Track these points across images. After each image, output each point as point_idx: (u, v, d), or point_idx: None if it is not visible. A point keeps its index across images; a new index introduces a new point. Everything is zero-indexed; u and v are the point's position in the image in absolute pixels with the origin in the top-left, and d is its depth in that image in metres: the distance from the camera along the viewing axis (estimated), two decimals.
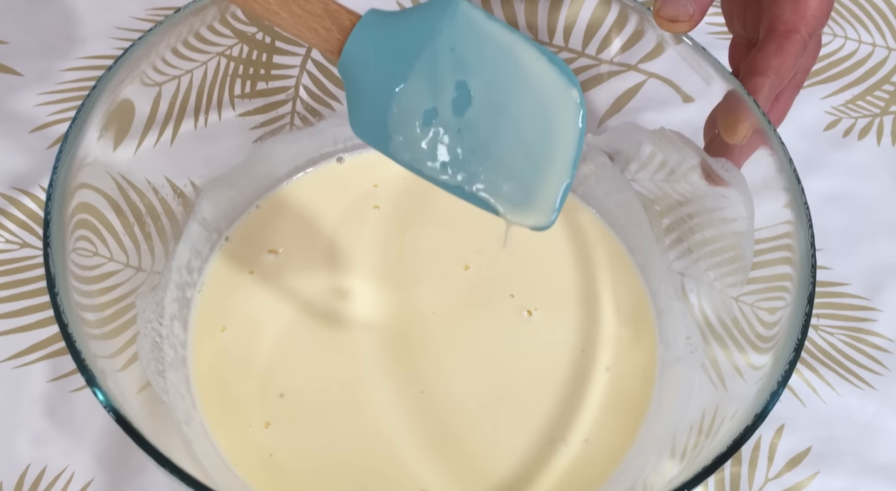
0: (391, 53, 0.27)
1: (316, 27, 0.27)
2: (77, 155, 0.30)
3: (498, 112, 0.27)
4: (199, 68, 0.40)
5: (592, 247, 0.41)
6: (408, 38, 0.27)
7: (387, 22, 0.27)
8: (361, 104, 0.28)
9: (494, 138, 0.27)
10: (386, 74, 0.27)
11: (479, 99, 0.27)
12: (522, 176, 0.28)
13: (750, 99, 0.34)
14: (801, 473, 0.38)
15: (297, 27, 0.27)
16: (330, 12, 0.27)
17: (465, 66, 0.27)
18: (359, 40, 0.27)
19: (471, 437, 0.35)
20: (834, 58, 0.51)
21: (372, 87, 0.27)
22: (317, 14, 0.27)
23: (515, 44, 0.27)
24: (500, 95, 0.27)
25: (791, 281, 0.31)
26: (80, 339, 0.27)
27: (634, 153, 0.42)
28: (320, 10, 0.27)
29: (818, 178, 0.46)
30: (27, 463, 0.36)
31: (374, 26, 0.27)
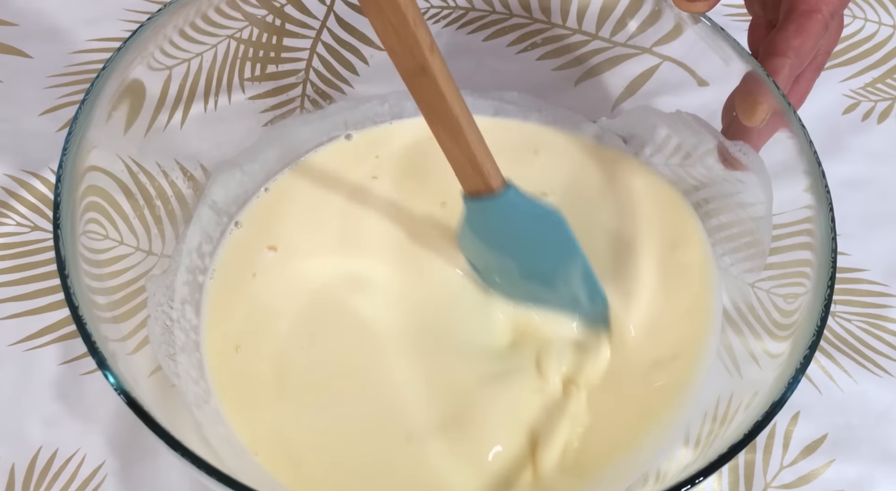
0: (500, 227, 0.34)
1: (464, 166, 0.32)
2: (86, 137, 0.30)
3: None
4: (210, 51, 0.39)
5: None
6: (520, 227, 0.34)
7: (512, 208, 0.33)
8: (463, 236, 0.36)
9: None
10: (488, 239, 0.35)
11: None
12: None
13: (769, 80, 0.33)
14: (817, 460, 0.38)
15: (447, 146, 0.32)
16: (481, 166, 0.32)
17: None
18: (488, 207, 0.33)
19: (481, 415, 0.34)
20: (853, 40, 0.50)
21: (475, 236, 0.35)
22: (472, 157, 0.32)
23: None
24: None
25: (811, 267, 0.31)
26: (91, 322, 0.27)
27: (649, 137, 0.41)
28: (475, 161, 0.32)
29: (836, 163, 0.45)
30: (39, 445, 0.36)
31: (503, 208, 0.33)
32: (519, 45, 0.45)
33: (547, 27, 0.45)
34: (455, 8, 0.46)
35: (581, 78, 0.44)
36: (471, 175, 0.32)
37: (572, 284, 0.36)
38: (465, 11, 0.46)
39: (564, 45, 0.45)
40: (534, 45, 0.45)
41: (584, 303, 0.36)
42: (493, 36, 0.46)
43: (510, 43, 0.45)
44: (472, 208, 0.34)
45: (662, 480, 0.31)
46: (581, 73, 0.44)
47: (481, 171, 0.32)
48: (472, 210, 0.34)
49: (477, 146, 0.31)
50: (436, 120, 0.31)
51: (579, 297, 0.36)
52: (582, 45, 0.44)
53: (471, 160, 0.31)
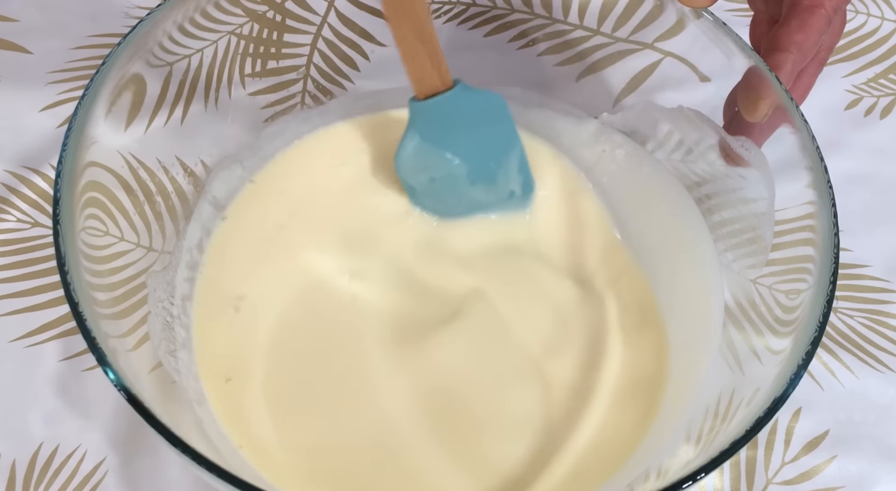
0: (453, 127, 0.36)
1: (423, 64, 0.33)
2: (86, 132, 0.30)
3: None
4: (210, 47, 0.39)
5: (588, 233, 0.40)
6: (469, 124, 0.36)
7: (465, 99, 0.35)
8: (411, 148, 0.36)
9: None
10: (442, 143, 0.36)
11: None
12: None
13: (772, 75, 0.33)
14: (819, 456, 0.38)
15: (411, 47, 0.33)
16: (440, 61, 0.34)
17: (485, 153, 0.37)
18: (444, 103, 0.35)
19: (480, 420, 0.34)
20: (856, 35, 0.50)
21: (428, 144, 0.36)
22: (433, 53, 0.33)
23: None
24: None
25: (813, 263, 0.31)
26: (91, 318, 0.27)
27: (651, 132, 0.41)
28: (435, 57, 0.33)
29: (838, 159, 0.45)
30: (39, 442, 0.36)
31: (457, 100, 0.35)
32: (520, 40, 0.45)
33: (548, 23, 0.45)
34: (456, 3, 0.46)
35: (583, 74, 0.44)
36: (429, 73, 0.33)
37: (511, 176, 0.38)
38: (466, 7, 0.46)
39: (566, 40, 0.44)
40: (535, 41, 0.45)
41: (518, 194, 0.38)
42: (494, 31, 0.46)
43: (511, 38, 0.45)
44: (424, 111, 0.35)
45: (664, 477, 0.31)
46: (583, 69, 0.44)
47: (440, 67, 0.33)
48: (423, 114, 0.35)
49: (437, 41, 0.33)
50: (402, 16, 0.32)
51: (515, 189, 0.38)
52: (584, 40, 0.44)
53: (431, 56, 0.33)
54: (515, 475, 0.33)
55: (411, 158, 0.37)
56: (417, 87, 0.34)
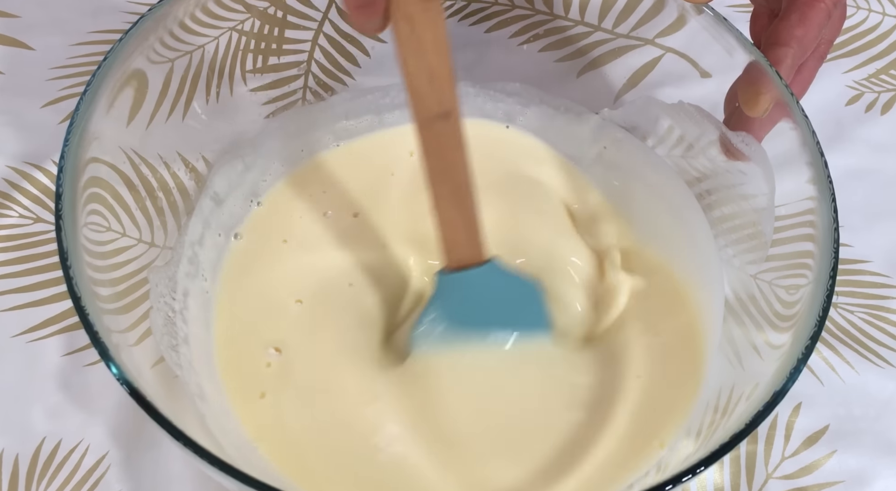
0: (479, 308, 0.32)
1: (458, 232, 0.30)
2: (87, 128, 0.30)
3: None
4: (211, 43, 0.39)
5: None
6: (496, 305, 0.32)
7: (498, 278, 0.32)
8: (435, 319, 0.33)
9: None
10: (466, 321, 0.33)
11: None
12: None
13: (772, 70, 0.33)
14: (819, 451, 0.38)
15: (447, 214, 0.30)
16: (475, 232, 0.31)
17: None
18: (474, 278, 0.31)
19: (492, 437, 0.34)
20: (856, 31, 0.50)
21: (450, 323, 0.33)
22: (470, 223, 0.30)
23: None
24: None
25: (813, 258, 0.31)
26: (94, 313, 0.27)
27: (651, 128, 0.41)
28: (472, 227, 0.30)
29: (839, 154, 0.45)
30: (42, 436, 0.36)
31: (490, 277, 0.32)
32: (521, 36, 0.45)
33: (549, 19, 0.45)
34: None
35: (583, 69, 0.44)
36: (463, 244, 0.30)
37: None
38: (466, 3, 0.46)
39: (567, 36, 0.44)
40: (536, 37, 0.45)
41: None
42: (494, 27, 0.46)
43: (512, 34, 0.45)
44: (450, 285, 0.31)
45: (664, 471, 0.31)
46: (583, 65, 0.44)
47: (476, 238, 0.30)
48: (449, 287, 0.32)
49: (477, 210, 0.29)
50: (444, 177, 0.29)
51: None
52: (584, 36, 0.44)
53: (467, 224, 0.30)
54: (518, 483, 0.33)
55: (428, 337, 0.34)
56: (449, 257, 0.31)
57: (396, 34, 0.27)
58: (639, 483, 0.31)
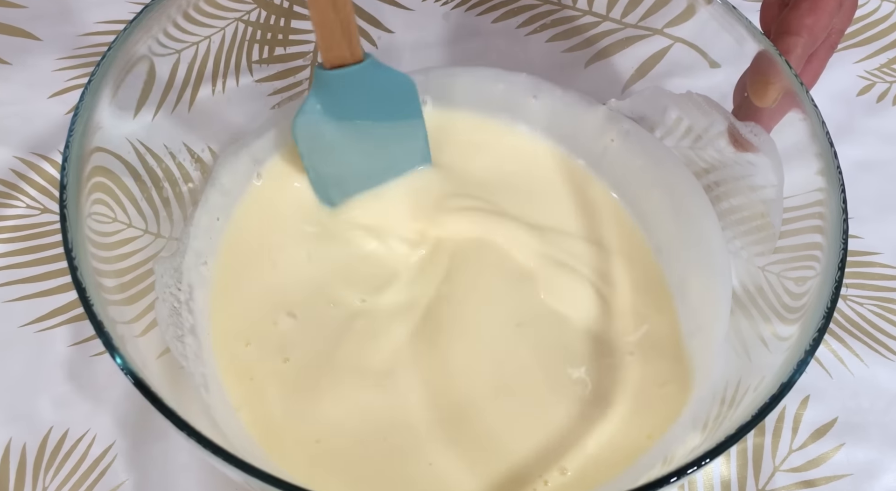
0: (356, 101, 0.35)
1: (334, 32, 0.32)
2: (92, 118, 0.30)
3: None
4: (218, 34, 0.39)
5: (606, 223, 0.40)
6: (374, 101, 0.35)
7: (373, 75, 0.34)
8: (311, 115, 0.35)
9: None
10: (342, 115, 0.35)
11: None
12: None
13: (782, 60, 0.33)
14: (827, 444, 0.38)
15: (322, 13, 0.32)
16: (352, 33, 0.32)
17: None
18: (349, 76, 0.34)
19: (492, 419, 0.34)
20: (868, 20, 0.49)
21: (327, 115, 0.35)
22: (346, 23, 0.32)
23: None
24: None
25: (822, 250, 0.31)
26: (99, 304, 0.27)
27: (660, 119, 0.41)
28: (347, 27, 0.32)
29: (849, 145, 0.45)
30: (49, 426, 0.36)
31: (364, 75, 0.34)
32: (529, 26, 0.45)
33: (557, 9, 0.44)
34: None
35: (591, 60, 0.44)
36: (339, 42, 0.32)
37: (411, 153, 0.38)
38: None
39: (575, 26, 0.44)
40: (544, 27, 0.45)
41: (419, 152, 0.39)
42: (502, 17, 0.45)
43: (520, 24, 0.45)
44: (329, 81, 0.34)
45: (669, 463, 0.31)
46: (591, 55, 0.44)
47: (351, 38, 0.32)
48: (328, 84, 0.34)
49: (352, 11, 0.31)
50: None
51: (416, 148, 0.38)
52: (592, 26, 0.44)
53: (344, 25, 0.32)
54: (522, 472, 0.33)
55: (309, 126, 0.36)
56: (325, 55, 0.33)
57: None
58: (645, 475, 0.31)
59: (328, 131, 0.36)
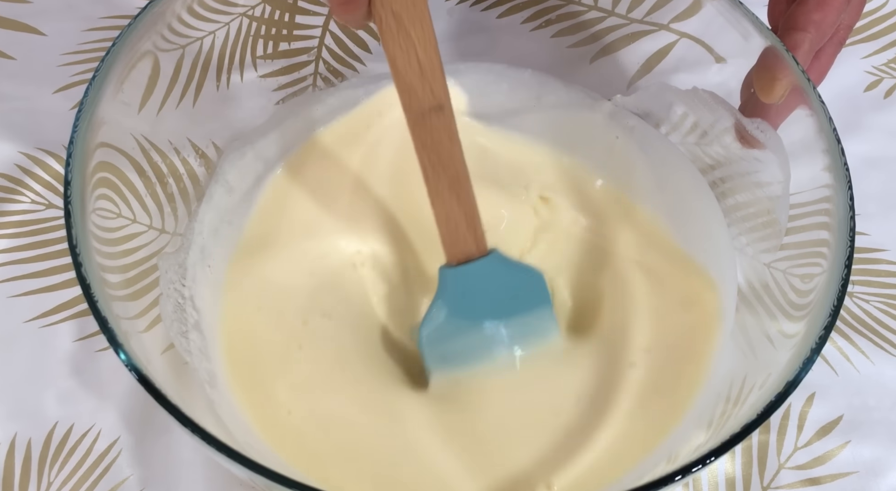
0: (484, 300, 0.32)
1: (459, 226, 0.30)
2: (96, 113, 0.30)
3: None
4: (222, 29, 0.39)
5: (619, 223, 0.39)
6: (503, 296, 0.32)
7: (501, 269, 0.31)
8: (439, 321, 0.32)
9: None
10: (472, 314, 0.32)
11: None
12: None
13: (789, 56, 0.33)
14: (832, 441, 0.38)
15: (445, 207, 0.30)
16: (476, 224, 0.30)
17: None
18: (477, 270, 0.31)
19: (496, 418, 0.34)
20: (876, 15, 0.49)
21: (457, 318, 0.32)
22: (470, 215, 0.30)
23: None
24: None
25: (828, 247, 0.30)
26: (103, 299, 0.27)
27: (665, 115, 0.40)
28: (472, 219, 0.30)
29: (856, 141, 0.45)
30: (55, 421, 0.36)
31: (492, 269, 0.31)
32: (533, 22, 0.45)
33: (562, 4, 0.44)
34: None
35: (596, 55, 0.44)
36: (463, 236, 0.30)
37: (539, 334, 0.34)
38: None
39: (580, 21, 0.44)
40: (549, 23, 0.45)
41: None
42: (507, 13, 0.45)
43: (524, 20, 0.45)
44: (453, 279, 0.31)
45: (674, 461, 0.31)
46: (596, 51, 0.44)
47: (476, 229, 0.30)
48: (454, 281, 0.31)
49: (474, 201, 0.29)
50: (440, 169, 0.28)
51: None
52: (598, 21, 0.44)
53: (468, 216, 0.29)
54: (527, 473, 0.33)
55: (436, 333, 0.33)
56: (450, 251, 0.31)
57: (382, 30, 0.26)
58: (649, 473, 0.31)
59: (454, 335, 0.33)
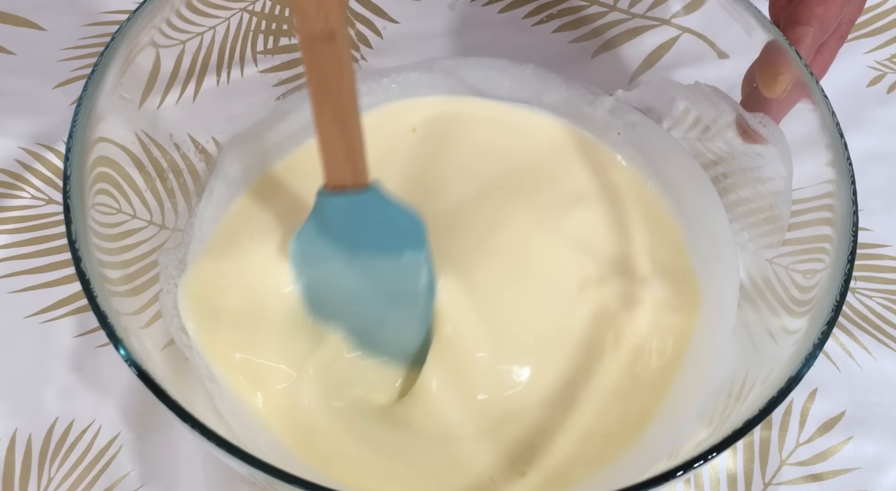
0: (355, 234, 0.32)
1: (337, 154, 0.30)
2: (96, 108, 0.30)
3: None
4: (223, 24, 0.39)
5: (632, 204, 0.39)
6: (375, 236, 0.32)
7: (375, 207, 0.31)
8: (305, 237, 0.33)
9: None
10: (340, 241, 0.32)
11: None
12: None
13: (791, 50, 0.32)
14: (834, 437, 0.38)
15: (327, 133, 0.29)
16: (356, 157, 0.30)
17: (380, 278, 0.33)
18: (348, 204, 0.31)
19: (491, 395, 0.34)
20: (879, 10, 0.49)
21: (322, 239, 0.32)
22: (350, 147, 0.29)
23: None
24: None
25: (831, 242, 0.30)
26: (102, 295, 0.27)
27: (667, 110, 0.40)
28: (352, 151, 0.30)
29: (859, 136, 0.44)
30: (55, 416, 0.36)
31: (365, 205, 0.31)
32: (534, 17, 0.45)
33: None
34: None
35: (598, 50, 0.44)
36: (342, 165, 0.30)
37: (410, 290, 0.34)
38: None
39: (581, 16, 0.44)
40: (550, 17, 0.44)
41: (421, 302, 0.34)
42: (508, 8, 0.45)
43: (525, 15, 0.45)
44: (328, 205, 0.31)
45: (675, 457, 0.31)
46: (598, 46, 0.44)
47: (355, 162, 0.30)
48: (326, 207, 0.31)
49: (358, 134, 0.29)
50: (325, 98, 0.28)
51: (417, 298, 0.34)
52: (599, 16, 0.44)
53: (347, 148, 0.29)
54: (518, 452, 0.33)
55: (304, 248, 0.33)
56: (327, 176, 0.31)
57: None
58: (651, 469, 0.31)
59: (321, 259, 0.33)
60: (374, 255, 0.32)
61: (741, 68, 0.36)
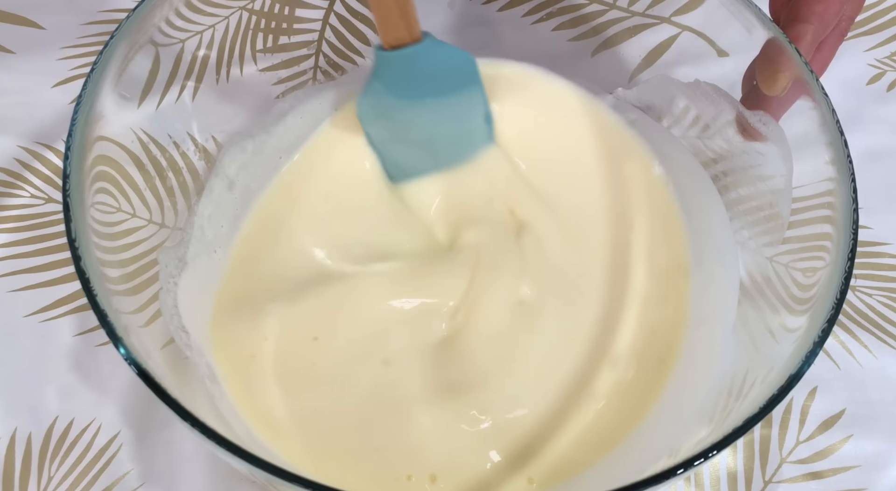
0: (418, 81, 0.35)
1: (391, 12, 0.32)
2: (95, 107, 0.30)
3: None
4: (222, 23, 0.39)
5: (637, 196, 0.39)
6: (435, 79, 0.35)
7: (432, 54, 0.34)
8: (373, 97, 0.35)
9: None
10: (405, 95, 0.35)
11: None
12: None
13: (791, 47, 0.32)
14: (834, 435, 0.38)
15: (388, 23, 0.33)
16: (409, 13, 0.33)
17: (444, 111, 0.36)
18: (410, 56, 0.34)
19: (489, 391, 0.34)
20: (879, 8, 0.49)
21: (390, 95, 0.35)
22: (403, 6, 0.32)
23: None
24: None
25: (831, 240, 0.30)
26: (102, 294, 0.27)
27: (667, 108, 0.40)
28: (405, 10, 0.33)
29: (859, 134, 0.44)
30: (55, 415, 0.36)
31: (424, 55, 0.34)
32: (534, 15, 0.45)
33: None
34: None
35: (598, 49, 0.44)
36: (396, 24, 0.33)
37: (474, 118, 0.37)
38: None
39: (581, 15, 0.44)
40: (549, 16, 0.44)
41: (481, 132, 0.38)
42: (507, 6, 0.45)
43: (525, 13, 0.45)
44: (390, 62, 0.34)
45: (676, 455, 0.31)
46: (598, 44, 0.44)
47: (408, 18, 0.33)
48: (388, 65, 0.34)
49: None
50: None
51: (477, 127, 0.38)
52: (599, 14, 0.44)
53: (401, 8, 0.32)
54: (518, 440, 0.33)
55: (372, 107, 0.36)
56: (384, 37, 0.33)
57: None
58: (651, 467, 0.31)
59: (390, 112, 0.36)
60: (437, 95, 0.35)
61: (741, 66, 0.36)
